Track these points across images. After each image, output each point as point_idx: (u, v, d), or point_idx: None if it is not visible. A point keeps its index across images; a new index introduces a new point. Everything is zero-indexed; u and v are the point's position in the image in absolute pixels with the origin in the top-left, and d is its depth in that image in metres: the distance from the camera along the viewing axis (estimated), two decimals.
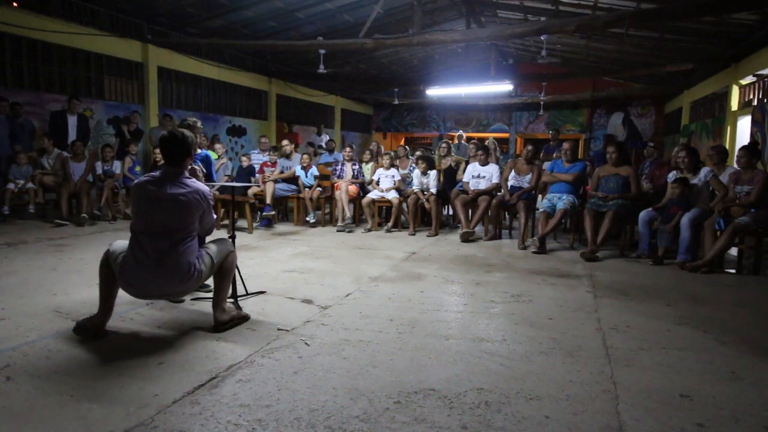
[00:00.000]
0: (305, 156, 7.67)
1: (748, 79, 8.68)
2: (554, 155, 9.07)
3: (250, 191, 7.13)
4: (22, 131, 7.29)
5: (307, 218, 7.34)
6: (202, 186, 2.82)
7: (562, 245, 6.06)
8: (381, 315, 3.25)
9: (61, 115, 7.62)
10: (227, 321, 2.92)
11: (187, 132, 2.90)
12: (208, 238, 3.10)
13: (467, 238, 6.14)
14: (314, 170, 7.62)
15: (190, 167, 3.04)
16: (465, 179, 6.75)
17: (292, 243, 5.93)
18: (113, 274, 2.72)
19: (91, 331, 2.73)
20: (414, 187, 6.99)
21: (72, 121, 7.66)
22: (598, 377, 2.38)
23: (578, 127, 16.41)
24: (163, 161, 2.87)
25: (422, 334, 2.91)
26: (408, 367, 2.45)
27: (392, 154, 7.77)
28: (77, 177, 6.97)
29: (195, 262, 2.72)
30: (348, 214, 6.99)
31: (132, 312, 3.19)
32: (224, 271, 2.94)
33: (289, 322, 3.06)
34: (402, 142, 18.67)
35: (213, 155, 8.03)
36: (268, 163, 7.85)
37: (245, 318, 3.06)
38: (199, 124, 4.20)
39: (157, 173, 2.77)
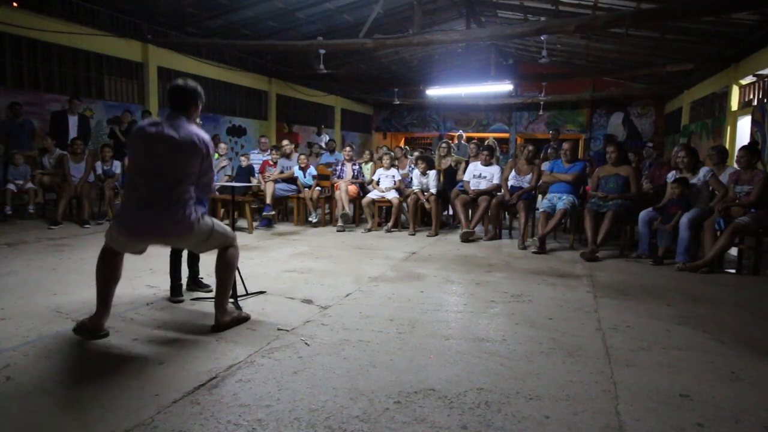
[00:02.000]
0: (302, 156, 7.68)
1: (748, 79, 8.69)
2: (546, 153, 9.21)
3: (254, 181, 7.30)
4: (22, 131, 7.29)
5: (309, 218, 7.35)
6: (202, 132, 2.77)
7: (562, 245, 6.06)
8: (381, 315, 3.25)
9: (61, 115, 7.62)
10: (227, 321, 2.92)
11: (198, 85, 2.85)
12: None
13: (467, 238, 6.14)
14: (312, 170, 7.62)
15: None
16: (466, 178, 6.74)
17: (292, 243, 5.93)
18: (111, 270, 2.71)
19: (91, 331, 2.72)
20: (414, 187, 6.99)
21: (73, 120, 7.67)
22: (598, 377, 2.38)
23: (578, 127, 16.42)
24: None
25: (422, 334, 2.91)
26: (408, 367, 2.45)
27: (392, 153, 7.77)
28: (77, 178, 6.89)
29: (191, 210, 2.68)
30: (347, 211, 6.98)
31: (132, 312, 3.20)
32: (225, 268, 2.93)
33: (289, 322, 3.06)
34: (402, 143, 18.69)
35: (214, 155, 8.04)
36: (270, 162, 7.85)
37: (245, 318, 3.06)
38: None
39: (159, 118, 2.74)
